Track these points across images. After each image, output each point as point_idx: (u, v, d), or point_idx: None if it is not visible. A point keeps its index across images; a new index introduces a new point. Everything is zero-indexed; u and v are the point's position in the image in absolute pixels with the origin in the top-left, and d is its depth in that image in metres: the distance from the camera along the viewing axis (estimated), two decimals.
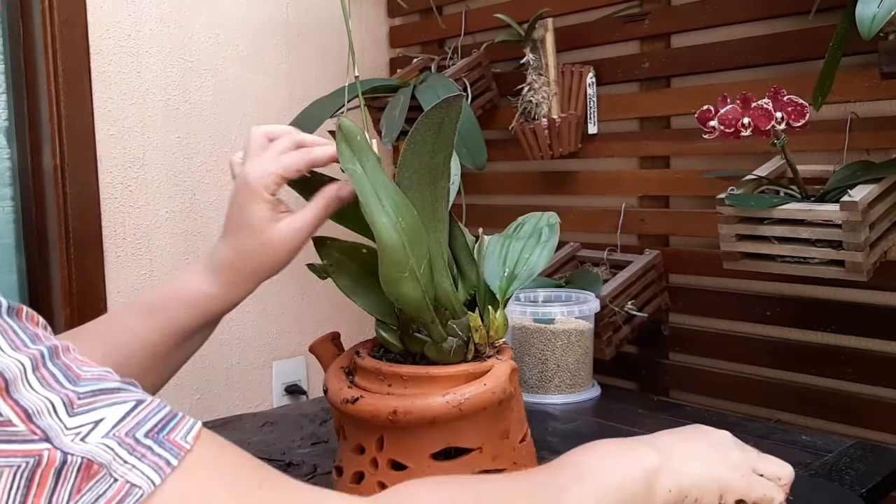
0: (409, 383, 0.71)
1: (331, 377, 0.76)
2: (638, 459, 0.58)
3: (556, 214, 0.83)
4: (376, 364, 0.74)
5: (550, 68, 1.38)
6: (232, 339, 1.55)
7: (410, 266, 0.67)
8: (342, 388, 0.73)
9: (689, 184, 1.31)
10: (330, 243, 0.75)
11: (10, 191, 1.41)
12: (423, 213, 0.69)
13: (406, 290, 0.68)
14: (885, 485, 0.89)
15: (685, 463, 0.60)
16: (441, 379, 0.71)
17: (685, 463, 0.60)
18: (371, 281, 0.73)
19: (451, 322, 0.72)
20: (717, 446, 0.63)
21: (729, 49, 1.24)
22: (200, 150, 1.50)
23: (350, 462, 0.74)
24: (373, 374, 0.73)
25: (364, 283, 0.76)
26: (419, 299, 0.69)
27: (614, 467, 0.57)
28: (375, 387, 0.72)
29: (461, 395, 0.69)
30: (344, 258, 0.76)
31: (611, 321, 1.26)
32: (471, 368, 0.72)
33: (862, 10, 0.88)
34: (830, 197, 1.02)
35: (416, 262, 0.67)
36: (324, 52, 1.66)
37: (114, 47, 1.39)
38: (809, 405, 1.20)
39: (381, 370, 0.73)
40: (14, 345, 0.43)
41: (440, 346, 0.72)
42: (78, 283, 1.35)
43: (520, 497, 0.55)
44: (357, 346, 0.80)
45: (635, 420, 1.10)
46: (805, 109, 0.99)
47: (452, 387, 0.70)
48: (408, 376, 0.71)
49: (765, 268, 1.07)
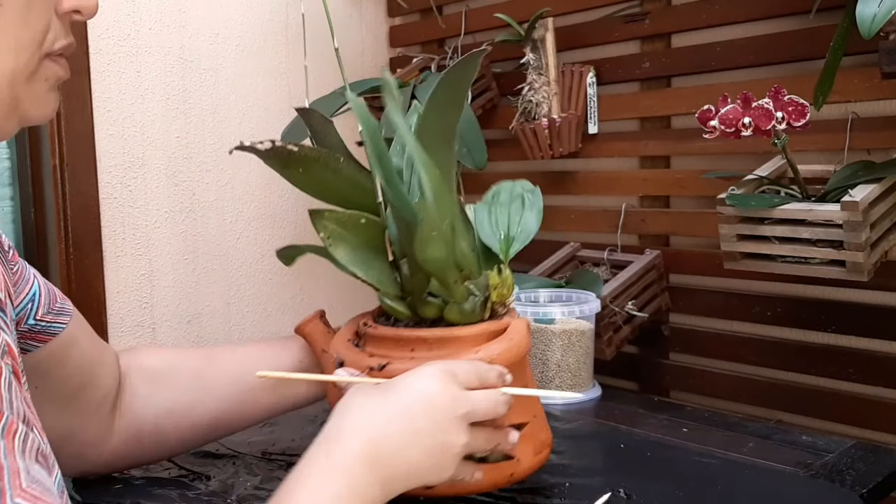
0: (435, 345, 0.72)
1: (344, 350, 0.76)
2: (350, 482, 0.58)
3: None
4: (395, 331, 0.74)
5: (551, 68, 1.38)
6: (232, 338, 1.55)
7: (440, 226, 0.68)
8: (363, 357, 0.73)
9: (689, 184, 1.30)
10: (328, 214, 0.74)
11: (10, 190, 1.41)
12: (443, 172, 0.70)
13: (434, 251, 0.69)
14: (886, 485, 0.89)
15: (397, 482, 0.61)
16: (466, 339, 0.72)
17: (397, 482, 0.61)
18: (370, 252, 0.74)
19: (469, 282, 0.74)
20: (431, 445, 0.62)
21: (729, 49, 1.24)
22: (200, 150, 1.50)
23: None
24: (391, 341, 0.73)
25: (363, 254, 0.75)
26: (444, 259, 0.70)
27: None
28: (396, 353, 0.73)
29: (492, 351, 0.71)
30: (341, 230, 0.74)
31: (611, 321, 1.26)
32: (492, 326, 0.74)
33: (862, 9, 0.88)
34: (831, 197, 1.02)
35: (442, 222, 0.69)
36: (324, 52, 1.65)
37: (113, 47, 1.39)
38: (810, 405, 1.19)
39: (402, 336, 0.73)
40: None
41: (461, 306, 0.73)
42: (77, 283, 1.34)
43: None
44: (357, 319, 0.80)
45: (636, 420, 1.10)
46: (806, 109, 0.99)
47: (477, 345, 0.72)
48: (433, 339, 0.72)
49: (765, 268, 1.07)
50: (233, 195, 1.54)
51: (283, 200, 1.59)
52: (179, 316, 1.47)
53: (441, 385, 0.63)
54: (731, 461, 0.93)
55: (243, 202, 1.55)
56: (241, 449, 0.99)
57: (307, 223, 0.73)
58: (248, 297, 1.56)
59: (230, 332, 1.54)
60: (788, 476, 0.90)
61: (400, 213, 0.71)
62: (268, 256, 1.58)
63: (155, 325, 1.44)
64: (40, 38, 0.60)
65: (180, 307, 1.47)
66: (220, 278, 1.52)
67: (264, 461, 0.97)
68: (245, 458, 0.98)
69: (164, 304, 1.45)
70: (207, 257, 1.51)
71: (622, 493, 0.83)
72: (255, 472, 0.93)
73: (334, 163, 0.74)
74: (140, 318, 1.43)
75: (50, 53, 0.61)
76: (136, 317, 1.42)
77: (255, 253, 1.57)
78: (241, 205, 1.55)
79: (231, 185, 1.53)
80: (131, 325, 1.41)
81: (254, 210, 1.56)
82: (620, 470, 0.90)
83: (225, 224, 1.53)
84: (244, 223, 1.55)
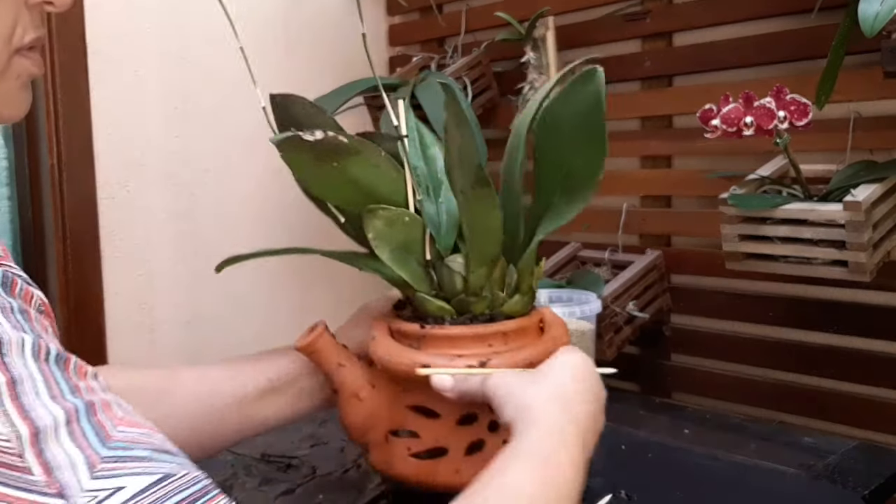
0: (511, 338, 0.75)
1: (403, 354, 0.73)
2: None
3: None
4: (471, 329, 0.74)
5: (551, 67, 1.38)
6: (231, 340, 1.54)
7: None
8: (449, 362, 0.72)
9: (691, 183, 1.30)
10: (381, 213, 0.73)
11: (8, 190, 1.41)
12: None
13: (491, 246, 0.73)
14: (888, 486, 0.88)
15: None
16: (530, 328, 0.77)
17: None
18: (405, 252, 0.74)
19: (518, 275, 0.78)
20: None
21: (731, 48, 1.23)
22: (199, 150, 1.49)
23: (457, 437, 0.74)
24: (468, 338, 0.73)
25: (400, 254, 0.75)
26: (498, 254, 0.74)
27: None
28: (474, 350, 0.73)
29: (565, 337, 0.77)
30: (387, 229, 0.74)
31: (612, 322, 1.25)
32: (539, 314, 0.79)
33: (864, 8, 0.88)
34: (833, 197, 1.01)
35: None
36: (324, 51, 1.65)
37: (112, 47, 1.38)
38: (812, 406, 1.19)
39: (479, 333, 0.74)
40: (53, 394, 0.43)
41: (523, 298, 0.77)
42: (75, 283, 1.34)
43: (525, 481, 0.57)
44: (386, 324, 0.78)
45: (637, 421, 1.10)
46: (808, 108, 0.99)
47: (538, 333, 0.76)
48: (510, 332, 0.75)
49: (767, 268, 1.06)
50: (232, 196, 1.53)
51: (282, 201, 1.59)
52: (178, 317, 1.46)
53: (583, 357, 0.72)
54: (733, 462, 0.93)
55: (242, 203, 1.54)
56: (239, 450, 0.99)
57: (306, 223, 0.73)
58: (248, 299, 1.56)
59: (229, 333, 1.53)
60: (790, 477, 0.89)
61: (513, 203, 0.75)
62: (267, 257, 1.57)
63: (153, 326, 1.44)
64: (8, 32, 0.56)
65: (179, 308, 1.46)
66: (219, 279, 1.51)
67: (263, 462, 0.96)
68: (244, 458, 0.97)
69: (162, 306, 1.45)
70: (206, 258, 1.50)
71: (623, 495, 0.83)
72: (253, 474, 0.93)
73: (375, 157, 0.72)
74: (138, 319, 1.42)
75: (20, 48, 0.58)
76: (135, 318, 1.41)
77: None
78: (241, 205, 1.54)
79: (230, 185, 1.53)
80: (129, 326, 1.41)
81: (253, 211, 1.56)
82: (622, 471, 0.90)
83: (224, 225, 1.52)
84: (243, 224, 1.55)
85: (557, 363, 0.69)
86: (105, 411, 0.45)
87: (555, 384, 0.66)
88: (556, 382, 0.66)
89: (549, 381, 0.66)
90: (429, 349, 0.74)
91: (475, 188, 0.69)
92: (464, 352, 0.73)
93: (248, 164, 1.54)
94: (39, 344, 0.45)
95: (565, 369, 0.68)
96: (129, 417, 0.46)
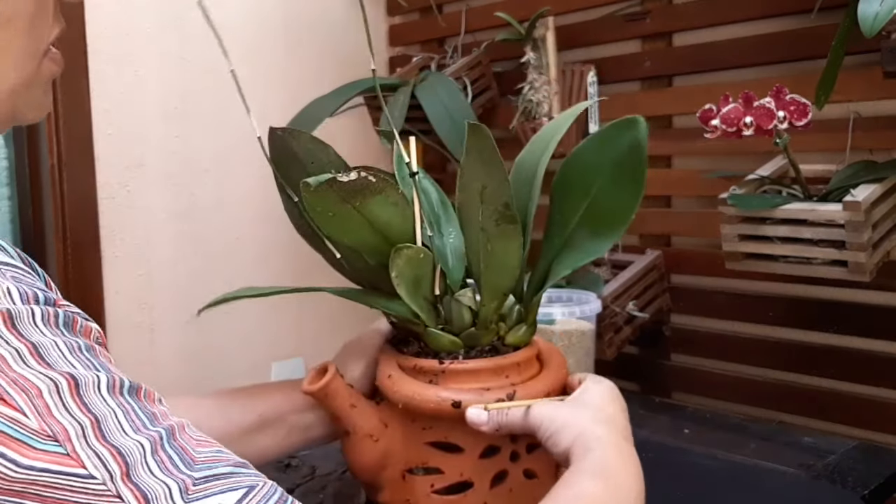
0: (524, 368, 0.75)
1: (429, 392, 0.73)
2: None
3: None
4: (491, 361, 0.74)
5: (551, 67, 1.38)
6: (231, 340, 1.54)
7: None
8: (479, 397, 0.71)
9: (690, 183, 1.30)
10: (405, 251, 0.72)
11: (8, 190, 1.41)
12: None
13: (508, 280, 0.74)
14: (888, 486, 0.89)
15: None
16: (534, 357, 0.77)
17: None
18: (416, 286, 0.73)
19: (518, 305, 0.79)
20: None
21: (731, 48, 1.24)
22: (198, 151, 1.49)
23: (482, 469, 0.73)
24: (488, 371, 0.73)
25: (412, 288, 0.74)
26: (511, 288, 0.75)
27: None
28: (494, 382, 0.73)
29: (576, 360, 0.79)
30: (405, 266, 0.73)
31: (612, 322, 1.25)
32: (542, 344, 0.80)
33: (864, 8, 0.88)
34: (833, 197, 1.01)
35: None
36: (323, 51, 1.65)
37: (111, 47, 1.38)
38: (812, 406, 1.19)
39: (499, 364, 0.74)
40: (135, 426, 0.45)
41: (529, 328, 0.77)
42: (75, 283, 1.34)
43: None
44: (395, 361, 0.77)
45: (637, 421, 1.09)
46: (807, 108, 0.99)
47: (547, 361, 0.77)
48: (523, 362, 0.75)
49: (767, 268, 1.06)
50: (232, 196, 1.53)
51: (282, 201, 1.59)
52: (178, 317, 1.46)
53: (609, 382, 0.75)
54: (733, 462, 0.93)
55: (242, 203, 1.54)
56: None
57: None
58: (247, 299, 1.55)
59: (229, 333, 1.54)
60: (790, 477, 0.89)
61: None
62: (267, 258, 1.58)
63: (154, 326, 1.44)
64: (46, 42, 0.58)
65: (179, 309, 1.46)
66: (219, 280, 1.52)
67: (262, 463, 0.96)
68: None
69: (162, 306, 1.45)
70: (206, 258, 1.51)
71: None
72: None
73: (394, 195, 0.70)
74: (139, 319, 1.42)
75: (47, 50, 0.59)
76: (135, 318, 1.41)
77: (254, 254, 1.56)
78: (240, 205, 1.54)
79: (230, 185, 1.53)
80: (130, 326, 1.41)
81: (253, 211, 1.56)
82: None
83: (224, 225, 1.52)
84: (243, 224, 1.55)
85: (593, 390, 0.73)
86: (182, 434, 0.46)
87: (597, 408, 0.70)
88: (597, 407, 0.70)
89: (592, 406, 0.70)
90: (448, 384, 0.73)
91: (500, 224, 0.69)
92: (486, 385, 0.72)
93: (248, 164, 1.54)
94: (112, 379, 0.46)
95: (602, 394, 0.72)
96: (202, 437, 0.48)
